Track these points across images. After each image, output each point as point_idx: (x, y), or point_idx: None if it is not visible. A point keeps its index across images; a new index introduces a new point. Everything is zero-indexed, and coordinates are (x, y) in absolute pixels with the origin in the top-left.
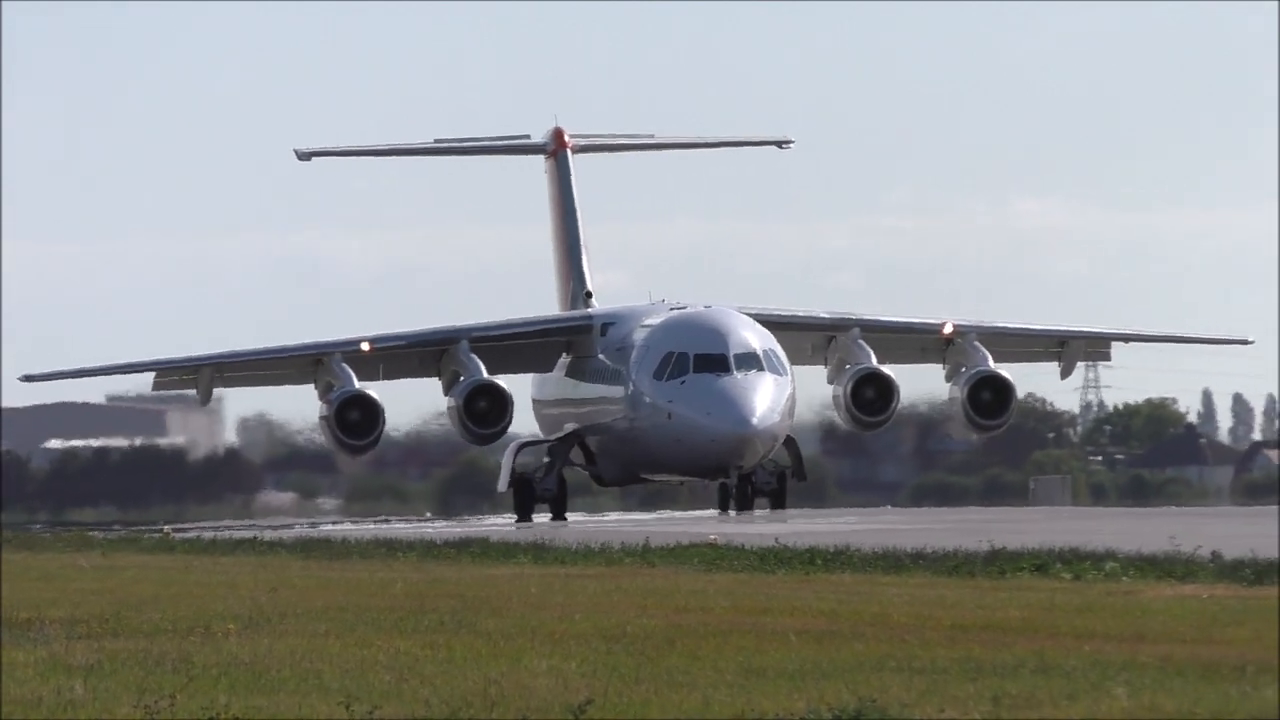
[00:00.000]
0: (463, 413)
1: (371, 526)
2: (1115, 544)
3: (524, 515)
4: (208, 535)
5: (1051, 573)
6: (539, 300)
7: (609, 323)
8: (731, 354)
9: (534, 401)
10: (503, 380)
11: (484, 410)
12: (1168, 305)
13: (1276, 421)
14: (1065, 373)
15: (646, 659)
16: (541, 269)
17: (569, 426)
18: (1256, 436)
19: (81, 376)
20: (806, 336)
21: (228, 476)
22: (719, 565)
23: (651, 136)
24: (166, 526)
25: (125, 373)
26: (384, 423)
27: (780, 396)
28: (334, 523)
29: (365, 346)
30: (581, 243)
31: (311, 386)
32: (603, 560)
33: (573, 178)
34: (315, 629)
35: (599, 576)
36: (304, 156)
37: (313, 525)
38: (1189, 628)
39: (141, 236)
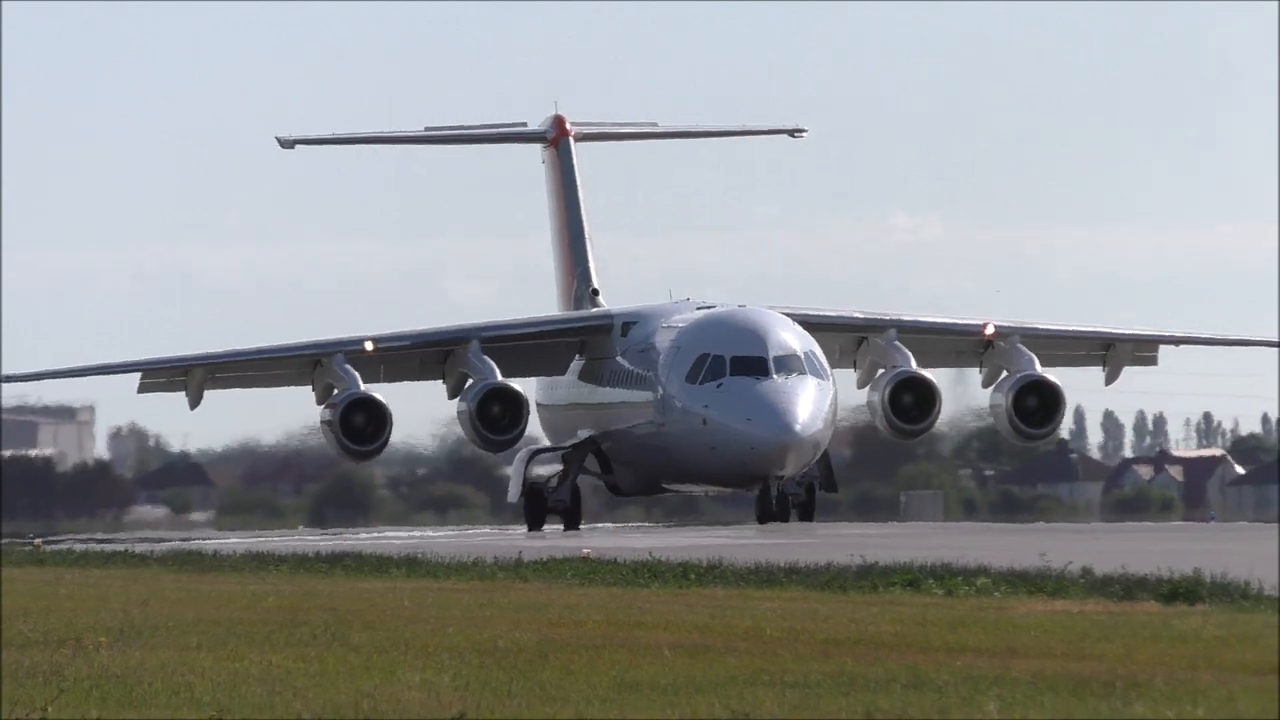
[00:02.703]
0: (475, 418)
1: (246, 539)
2: (987, 559)
3: (535, 526)
4: (79, 548)
5: (923, 588)
6: (537, 300)
7: (630, 322)
8: (771, 356)
9: (539, 406)
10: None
11: (497, 415)
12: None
13: None
14: (1110, 378)
15: (519, 673)
16: (536, 267)
17: (583, 433)
18: (1127, 453)
19: (65, 377)
20: (835, 338)
21: (99, 490)
22: (592, 579)
23: (655, 125)
24: (37, 539)
25: (111, 373)
26: (392, 426)
27: (823, 401)
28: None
29: (369, 346)
30: (586, 237)
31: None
32: (476, 574)
33: (576, 167)
34: (187, 642)
35: (472, 590)
36: (287, 144)
37: (185, 539)
38: (1060, 643)
39: (123, 238)
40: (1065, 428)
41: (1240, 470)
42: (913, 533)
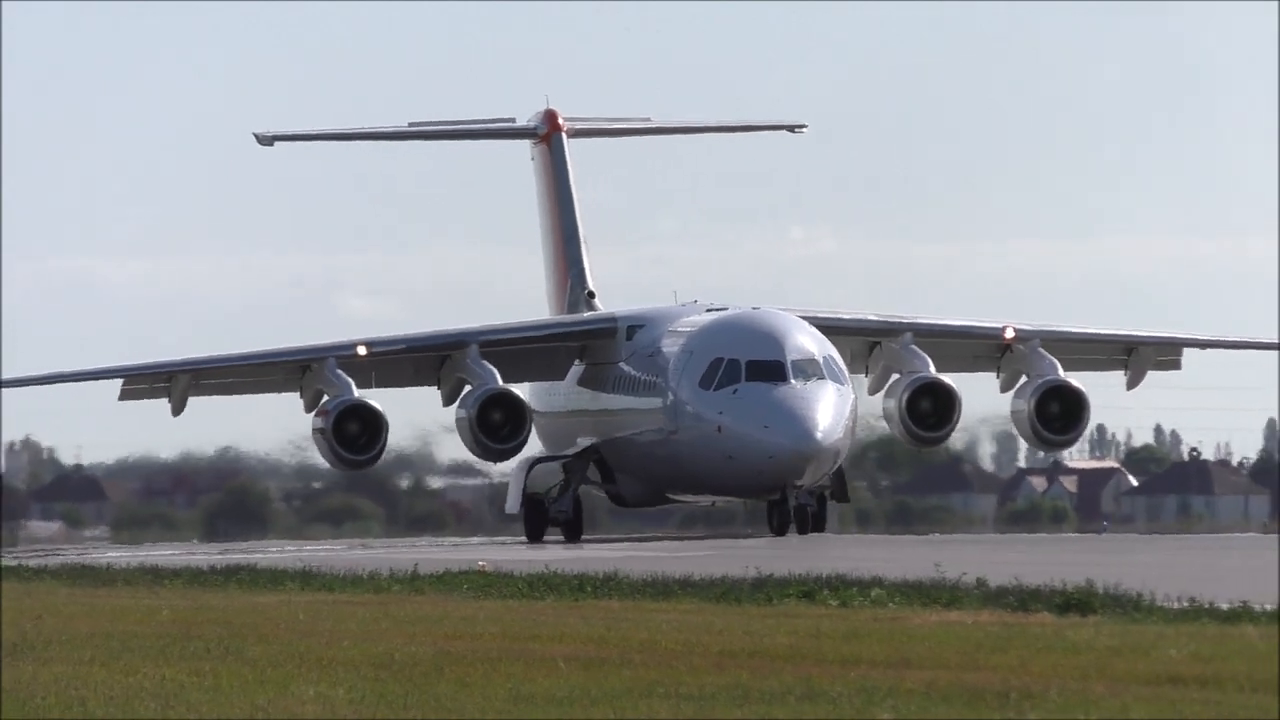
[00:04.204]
0: (475, 425)
1: (141, 553)
2: (881, 571)
3: (535, 537)
4: None
5: (818, 599)
6: (524, 303)
7: (636, 325)
8: (789, 361)
9: (534, 413)
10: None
11: (498, 423)
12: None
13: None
14: (1132, 382)
15: (415, 686)
16: (525, 270)
17: (583, 441)
18: (1021, 464)
19: (48, 383)
20: (847, 342)
21: None
22: (488, 592)
23: (649, 120)
24: None
25: (92, 379)
26: (387, 434)
27: (843, 408)
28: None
29: (361, 350)
30: (580, 237)
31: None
32: (371, 587)
33: (569, 164)
34: (80, 656)
35: (367, 603)
36: (265, 141)
37: (80, 553)
38: (954, 654)
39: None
40: (960, 438)
41: (1134, 481)
42: (808, 544)
